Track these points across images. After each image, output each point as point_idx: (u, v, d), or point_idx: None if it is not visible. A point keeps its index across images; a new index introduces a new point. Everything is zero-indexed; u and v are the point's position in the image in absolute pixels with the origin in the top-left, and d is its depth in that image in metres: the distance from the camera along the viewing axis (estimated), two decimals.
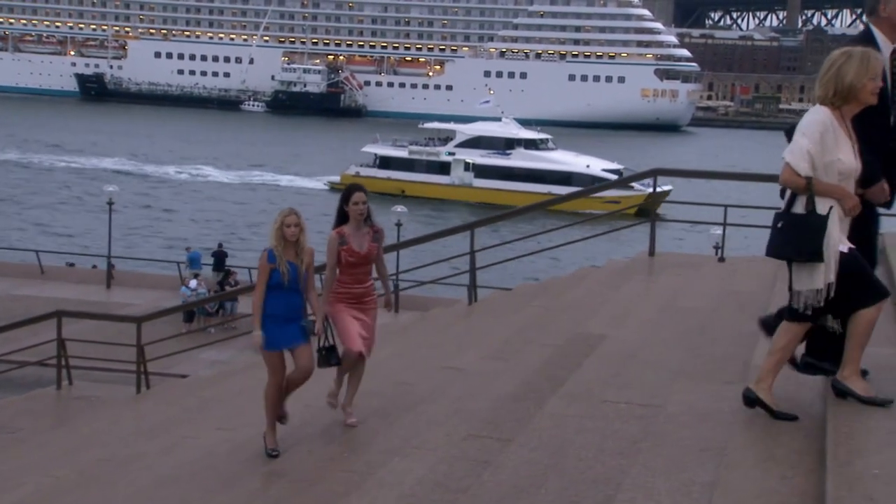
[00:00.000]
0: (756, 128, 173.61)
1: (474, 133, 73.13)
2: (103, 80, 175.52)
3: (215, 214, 61.86)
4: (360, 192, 9.25)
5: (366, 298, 9.30)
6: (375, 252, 9.29)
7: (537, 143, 72.10)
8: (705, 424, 6.80)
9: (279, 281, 8.80)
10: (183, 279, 33.23)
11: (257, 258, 9.14)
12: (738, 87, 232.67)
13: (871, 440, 5.56)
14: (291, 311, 8.89)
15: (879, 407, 5.98)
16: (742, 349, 8.62)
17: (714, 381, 7.93)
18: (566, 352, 9.98)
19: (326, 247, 9.18)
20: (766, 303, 10.27)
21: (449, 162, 71.66)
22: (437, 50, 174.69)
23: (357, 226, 9.17)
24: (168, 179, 78.58)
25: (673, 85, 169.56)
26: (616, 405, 7.76)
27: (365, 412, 9.12)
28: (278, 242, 8.87)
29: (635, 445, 6.67)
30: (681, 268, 14.24)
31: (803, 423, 6.31)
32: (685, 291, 12.36)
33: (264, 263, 8.90)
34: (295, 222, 8.92)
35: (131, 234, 51.59)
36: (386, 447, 8.03)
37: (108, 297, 32.80)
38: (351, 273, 9.16)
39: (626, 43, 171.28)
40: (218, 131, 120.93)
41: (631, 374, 8.69)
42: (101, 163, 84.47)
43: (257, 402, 11.87)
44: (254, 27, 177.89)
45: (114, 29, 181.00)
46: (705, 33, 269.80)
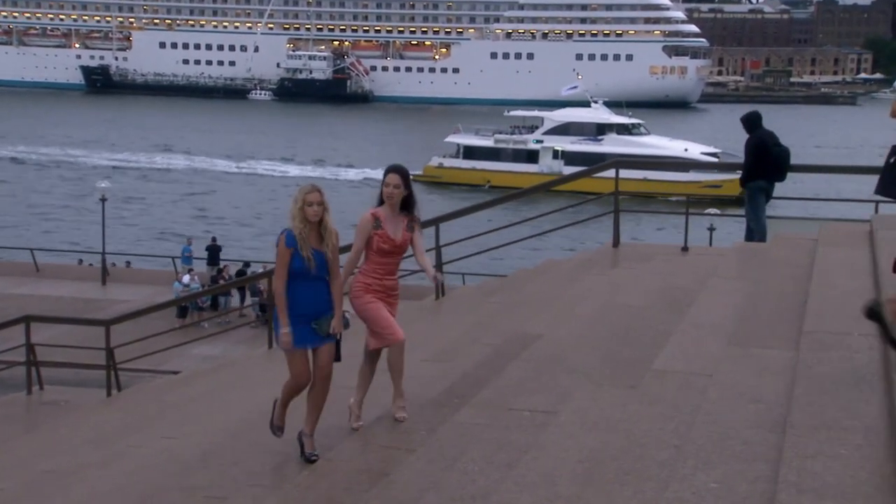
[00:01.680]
0: (767, 102, 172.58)
1: (563, 119, 70.45)
2: (108, 71, 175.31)
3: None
4: (397, 174, 8.47)
5: (393, 293, 8.63)
6: (409, 242, 8.57)
7: (629, 128, 70.00)
8: (591, 434, 6.94)
9: (303, 268, 7.88)
10: (178, 274, 33.38)
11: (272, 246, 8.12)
12: (749, 61, 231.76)
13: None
14: (317, 303, 8.01)
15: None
16: (652, 351, 8.75)
17: (618, 386, 8.05)
18: (500, 354, 10.06)
19: (357, 227, 8.43)
20: (692, 301, 10.44)
21: (537, 150, 69.34)
22: (443, 33, 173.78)
23: (392, 210, 8.46)
24: (226, 174, 78.15)
25: (682, 61, 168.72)
26: (520, 413, 7.87)
27: (293, 420, 9.20)
28: (301, 224, 7.91)
29: (522, 457, 6.81)
30: (637, 261, 14.35)
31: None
32: (629, 287, 12.47)
33: (283, 247, 7.92)
34: (318, 200, 7.95)
35: (165, 230, 51.76)
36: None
37: (103, 293, 33.03)
38: (381, 262, 8.45)
39: (634, 20, 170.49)
40: (246, 121, 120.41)
41: (545, 379, 8.77)
42: (133, 156, 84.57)
43: (213, 406, 12.15)
44: (258, 15, 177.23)
45: (118, 20, 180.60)
46: (714, 7, 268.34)
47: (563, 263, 15.89)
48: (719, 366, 7.73)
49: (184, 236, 40.76)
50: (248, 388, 12.52)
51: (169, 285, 32.55)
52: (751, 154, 16.19)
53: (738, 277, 11.30)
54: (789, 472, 5.14)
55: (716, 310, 9.79)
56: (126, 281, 34.44)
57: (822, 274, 9.78)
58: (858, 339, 7.43)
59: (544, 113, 73.00)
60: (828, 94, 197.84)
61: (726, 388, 7.13)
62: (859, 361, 6.91)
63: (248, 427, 9.73)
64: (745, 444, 6.01)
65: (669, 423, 6.77)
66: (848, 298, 8.61)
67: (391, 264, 8.51)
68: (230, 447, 9.21)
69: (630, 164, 19.04)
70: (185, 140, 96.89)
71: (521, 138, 71.18)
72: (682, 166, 63.21)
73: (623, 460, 6.28)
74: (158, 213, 59.37)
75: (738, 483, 5.48)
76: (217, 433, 9.95)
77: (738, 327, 8.91)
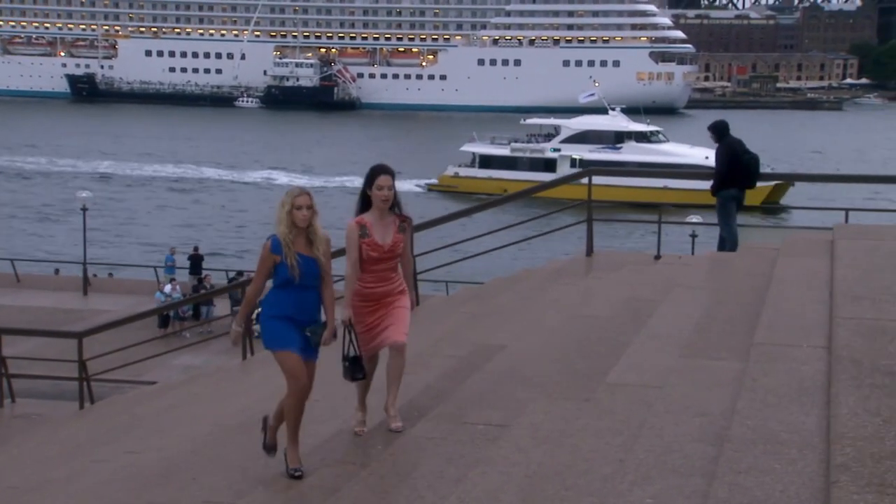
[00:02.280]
0: (754, 107, 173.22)
1: (581, 127, 69.49)
2: (94, 80, 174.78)
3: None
4: (387, 174, 8.03)
5: (392, 295, 8.19)
6: (401, 245, 8.16)
7: (648, 136, 68.99)
8: (539, 449, 6.97)
9: (287, 276, 7.53)
10: (159, 284, 33.30)
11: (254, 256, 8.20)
12: (735, 67, 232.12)
13: None
14: (304, 313, 7.63)
15: None
16: (608, 363, 8.77)
17: (572, 399, 8.07)
18: (463, 365, 10.04)
19: (346, 239, 8.08)
20: (653, 311, 10.48)
21: (555, 159, 67.71)
22: (430, 40, 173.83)
23: (381, 214, 8.02)
24: (212, 182, 77.75)
25: (668, 67, 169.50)
26: (475, 427, 7.89)
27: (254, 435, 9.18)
28: (287, 229, 7.52)
29: (470, 472, 6.82)
30: (608, 270, 14.38)
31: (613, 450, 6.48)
32: (596, 297, 12.50)
33: (266, 253, 7.58)
34: (307, 204, 7.55)
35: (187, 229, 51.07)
36: (260, 475, 8.12)
37: (84, 304, 32.87)
38: (372, 270, 8.06)
39: (620, 26, 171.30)
40: (232, 129, 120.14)
41: (503, 392, 8.77)
42: (117, 165, 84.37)
43: (180, 418, 12.12)
44: (244, 22, 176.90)
45: (103, 28, 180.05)
46: (701, 14, 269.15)
47: (536, 272, 15.90)
48: (669, 378, 7.77)
49: (167, 245, 40.62)
50: (218, 401, 12.52)
51: (151, 295, 32.35)
52: (722, 162, 16.25)
53: (700, 287, 11.34)
54: (720, 487, 5.18)
55: (674, 321, 9.82)
56: (108, 291, 34.27)
57: (779, 284, 9.82)
58: (806, 350, 7.48)
59: (561, 121, 71.96)
60: (814, 100, 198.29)
61: (674, 402, 7.16)
62: (805, 374, 6.95)
63: (212, 441, 9.76)
64: (685, 459, 6.05)
65: (617, 437, 6.80)
66: (800, 310, 8.67)
67: (383, 271, 8.08)
68: (191, 462, 9.19)
69: (604, 172, 18.96)
70: (171, 148, 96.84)
71: (539, 147, 69.96)
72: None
73: (567, 475, 6.31)
74: (143, 221, 59.19)
75: (674, 498, 5.51)
76: (180, 447, 9.93)
77: (692, 339, 8.95)
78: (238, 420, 10.02)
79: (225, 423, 10.34)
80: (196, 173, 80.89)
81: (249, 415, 10.10)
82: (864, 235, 11.13)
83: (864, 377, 6.30)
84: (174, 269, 34.70)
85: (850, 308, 8.04)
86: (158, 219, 60.44)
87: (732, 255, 13.39)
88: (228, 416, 10.72)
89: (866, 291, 8.49)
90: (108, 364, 17.29)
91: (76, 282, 35.74)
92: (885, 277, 8.87)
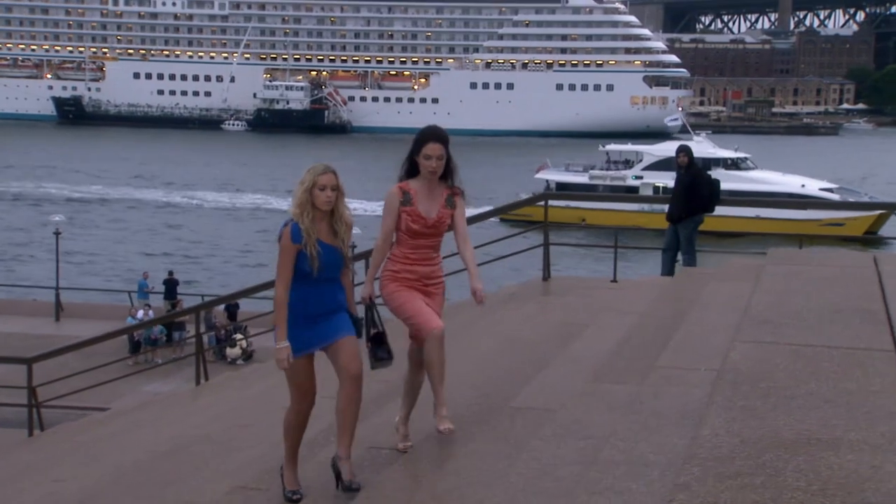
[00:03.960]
0: (749, 132, 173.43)
1: (665, 154, 63.84)
2: (81, 102, 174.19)
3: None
4: (437, 142, 7.09)
5: (431, 281, 7.25)
6: (448, 221, 7.19)
7: (737, 163, 65.38)
8: (436, 475, 6.96)
9: (307, 269, 6.52)
10: (131, 309, 33.04)
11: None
12: (730, 91, 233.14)
13: None
14: (321, 306, 6.65)
15: None
16: (520, 388, 8.73)
17: (475, 424, 7.97)
18: (389, 393, 9.97)
19: (384, 206, 7.15)
20: (580, 334, 10.50)
21: (636, 186, 64.28)
22: (422, 63, 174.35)
23: (428, 183, 7.10)
24: (196, 206, 77.03)
25: (662, 91, 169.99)
26: (379, 451, 7.76)
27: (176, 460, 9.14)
28: (304, 212, 6.51)
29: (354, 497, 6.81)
30: (559, 294, 14.36)
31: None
32: (534, 321, 12.46)
33: (287, 243, 6.52)
34: (332, 183, 6.54)
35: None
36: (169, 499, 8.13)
37: (56, 329, 32.55)
38: (413, 245, 7.10)
39: (614, 50, 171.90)
40: (217, 153, 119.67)
41: (415, 417, 8.72)
42: (100, 188, 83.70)
43: (115, 446, 12.06)
44: (234, 45, 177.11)
45: (91, 50, 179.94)
46: (696, 38, 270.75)
47: (490, 296, 15.86)
48: (569, 402, 7.79)
49: (146, 269, 40.31)
50: (158, 428, 12.46)
51: (124, 321, 32.03)
52: (694, 188, 16.54)
53: (630, 312, 11.35)
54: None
55: (595, 344, 9.87)
56: (81, 316, 33.85)
57: (699, 308, 9.87)
58: (702, 374, 7.49)
59: (643, 147, 69.42)
60: (810, 125, 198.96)
61: (563, 425, 7.17)
62: (693, 397, 6.96)
63: (134, 469, 9.69)
64: (555, 482, 6.06)
65: (501, 462, 6.79)
66: (709, 334, 8.70)
67: (425, 248, 7.14)
68: (108, 491, 9.18)
69: (560, 196, 18.99)
70: (154, 171, 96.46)
71: (619, 174, 66.67)
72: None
73: (446, 499, 6.33)
74: (125, 245, 58.50)
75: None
76: (103, 476, 9.91)
77: (605, 362, 8.99)
78: (169, 447, 9.97)
79: (157, 450, 10.29)
80: (180, 198, 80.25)
81: (179, 442, 10.21)
82: (791, 261, 11.14)
83: (738, 399, 6.30)
84: (147, 295, 34.50)
85: (751, 331, 8.04)
86: (137, 243, 59.59)
87: (669, 280, 13.42)
88: (162, 442, 10.69)
89: (774, 315, 8.49)
90: (71, 389, 17.21)
91: (49, 307, 35.28)
92: (795, 302, 8.89)
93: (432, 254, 7.25)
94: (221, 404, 12.66)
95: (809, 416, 5.80)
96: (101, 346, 21.38)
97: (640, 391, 7.40)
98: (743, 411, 6.05)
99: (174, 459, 9.44)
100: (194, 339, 16.79)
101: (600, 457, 5.98)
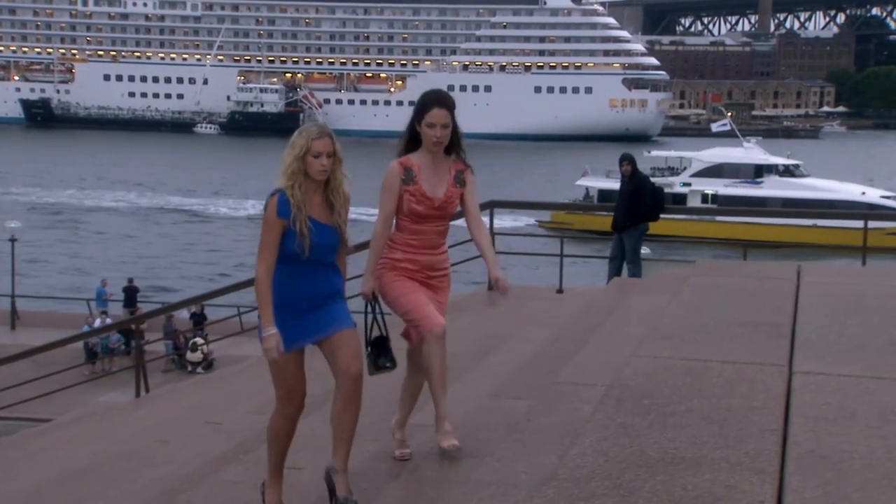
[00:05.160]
0: (729, 136, 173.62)
1: (715, 160, 63.28)
2: (49, 105, 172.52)
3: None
4: (442, 107, 6.22)
5: (436, 273, 6.41)
6: (457, 202, 6.36)
7: (792, 170, 62.87)
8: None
9: (295, 249, 5.61)
10: (87, 318, 32.48)
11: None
12: (710, 94, 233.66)
13: None
14: (317, 299, 5.76)
15: None
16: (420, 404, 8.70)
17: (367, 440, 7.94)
18: (309, 407, 9.89)
19: (382, 184, 6.25)
20: (498, 348, 10.48)
21: (685, 194, 61.23)
22: (399, 65, 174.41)
23: (433, 157, 6.26)
24: (162, 211, 76.28)
25: (642, 94, 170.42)
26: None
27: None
28: (295, 184, 5.62)
29: None
30: (499, 304, 14.32)
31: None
32: (463, 333, 12.43)
33: (273, 217, 5.60)
34: (328, 149, 5.65)
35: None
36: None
37: (12, 338, 32.03)
38: (416, 230, 6.27)
39: (593, 53, 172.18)
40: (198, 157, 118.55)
41: (308, 435, 8.61)
42: (64, 193, 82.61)
43: (34, 464, 11.82)
44: (207, 46, 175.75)
45: (60, 52, 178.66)
46: (675, 40, 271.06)
47: None
48: (463, 419, 7.64)
49: (113, 277, 39.87)
50: (85, 443, 12.22)
51: (80, 329, 31.77)
52: (638, 196, 16.62)
53: (552, 324, 11.33)
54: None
55: (509, 358, 9.83)
56: (38, 325, 33.18)
57: (617, 321, 9.85)
58: (598, 390, 7.45)
59: (691, 153, 67.35)
60: (790, 128, 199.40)
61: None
62: (581, 414, 6.91)
63: (41, 490, 9.46)
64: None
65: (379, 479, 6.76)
66: (616, 347, 8.66)
67: (431, 233, 6.30)
68: None
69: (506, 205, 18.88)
70: (121, 175, 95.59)
71: (666, 181, 61.97)
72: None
73: None
74: (87, 252, 57.64)
75: None
76: (12, 499, 9.75)
77: (510, 377, 8.94)
78: (86, 464, 9.77)
79: (72, 468, 10.01)
80: (147, 202, 79.36)
81: (98, 459, 10.03)
82: (717, 272, 11.13)
83: (618, 416, 6.26)
84: (106, 302, 34.16)
85: (652, 346, 7.99)
86: (99, 249, 58.74)
87: (599, 290, 13.40)
88: (80, 459, 10.47)
89: (679, 329, 8.45)
90: (21, 399, 17.12)
91: (3, 315, 34.66)
92: (705, 315, 8.85)
93: (438, 241, 6.39)
94: (151, 418, 12.55)
95: (682, 434, 5.76)
96: (57, 356, 21.32)
97: (532, 408, 7.38)
98: (618, 429, 6.01)
99: (85, 479, 9.22)
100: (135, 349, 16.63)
101: (472, 476, 5.94)
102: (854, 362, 7.13)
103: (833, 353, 7.40)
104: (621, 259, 16.83)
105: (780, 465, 5.26)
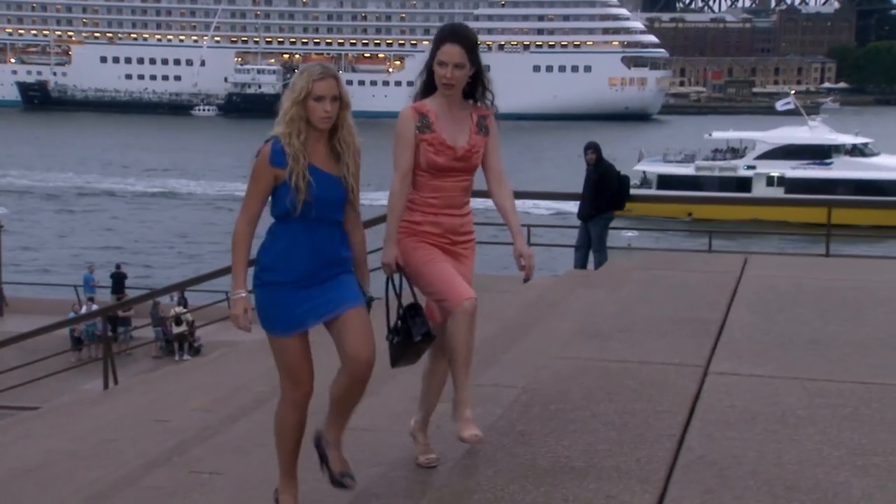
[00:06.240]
0: (729, 113, 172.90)
1: (781, 141, 59.92)
2: (46, 87, 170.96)
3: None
4: (455, 43, 5.30)
5: (461, 238, 5.52)
6: (481, 151, 5.47)
7: (861, 149, 59.54)
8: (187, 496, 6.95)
9: (288, 206, 4.85)
10: (74, 304, 32.36)
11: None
12: (710, 71, 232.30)
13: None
14: (322, 264, 4.96)
15: None
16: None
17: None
18: (257, 405, 9.69)
19: (395, 134, 5.37)
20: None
21: (749, 177, 58.02)
22: (397, 45, 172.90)
23: (448, 102, 5.41)
24: (154, 195, 75.47)
25: (641, 72, 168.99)
26: (199, 475, 7.53)
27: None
28: (294, 132, 4.84)
29: None
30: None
31: None
32: None
33: (263, 164, 4.85)
34: (333, 93, 4.86)
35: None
36: None
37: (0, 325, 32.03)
38: (436, 186, 5.40)
39: (592, 31, 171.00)
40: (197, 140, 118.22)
41: (243, 438, 8.39)
42: (59, 176, 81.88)
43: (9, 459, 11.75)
44: (204, 27, 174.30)
45: (56, 34, 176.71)
46: (675, 17, 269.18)
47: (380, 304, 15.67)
48: (384, 424, 7.52)
49: (104, 262, 39.72)
50: (41, 439, 11.90)
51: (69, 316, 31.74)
52: (603, 185, 16.68)
53: (497, 318, 11.19)
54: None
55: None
56: (26, 311, 33.01)
57: (555, 318, 9.79)
58: (515, 393, 7.40)
59: (755, 134, 64.14)
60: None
61: (363, 449, 6.80)
62: (488, 420, 6.74)
63: None
64: None
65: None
66: (545, 348, 8.59)
67: (453, 189, 5.43)
68: None
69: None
70: (115, 159, 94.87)
71: (729, 164, 60.36)
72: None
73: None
74: (78, 237, 57.08)
75: None
76: None
77: None
78: (37, 462, 9.52)
79: (20, 467, 9.70)
80: (142, 187, 78.43)
81: (47, 458, 9.79)
82: (664, 265, 11.11)
83: (520, 423, 6.24)
84: (94, 289, 34.08)
85: (576, 346, 7.99)
86: (91, 235, 57.92)
87: (552, 282, 13.30)
88: (32, 457, 10.19)
89: (608, 327, 8.42)
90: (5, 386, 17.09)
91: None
92: (636, 312, 8.81)
93: (462, 199, 5.50)
94: (109, 413, 12.17)
95: (579, 441, 5.76)
96: (42, 343, 21.23)
97: (446, 411, 7.30)
98: (517, 437, 5.98)
99: (28, 480, 8.99)
100: (102, 340, 16.56)
101: (366, 488, 5.94)
102: (770, 362, 7.13)
103: (753, 351, 7.41)
104: (587, 248, 16.82)
105: (667, 473, 5.26)
